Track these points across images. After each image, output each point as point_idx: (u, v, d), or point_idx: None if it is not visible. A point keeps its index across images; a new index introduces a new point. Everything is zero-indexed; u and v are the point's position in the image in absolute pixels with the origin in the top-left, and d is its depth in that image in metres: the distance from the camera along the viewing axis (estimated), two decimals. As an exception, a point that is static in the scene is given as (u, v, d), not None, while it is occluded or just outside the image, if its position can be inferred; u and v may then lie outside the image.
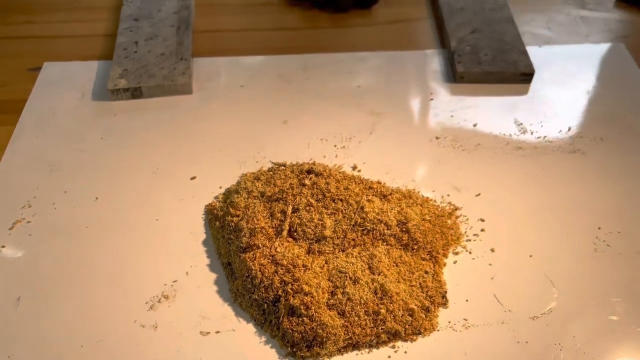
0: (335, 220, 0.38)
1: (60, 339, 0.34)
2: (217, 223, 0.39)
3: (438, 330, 0.35)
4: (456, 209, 0.41)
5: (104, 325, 0.34)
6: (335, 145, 0.45)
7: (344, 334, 0.33)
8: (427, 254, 0.37)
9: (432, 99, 0.49)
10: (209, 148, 0.45)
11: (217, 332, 0.34)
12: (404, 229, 0.38)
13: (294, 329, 0.33)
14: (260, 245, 0.36)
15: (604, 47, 0.55)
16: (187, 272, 0.37)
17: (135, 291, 0.36)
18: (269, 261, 0.36)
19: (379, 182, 0.41)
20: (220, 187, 0.42)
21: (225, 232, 0.38)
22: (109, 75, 0.50)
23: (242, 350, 0.34)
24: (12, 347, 0.33)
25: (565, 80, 0.51)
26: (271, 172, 0.42)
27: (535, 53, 0.53)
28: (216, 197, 0.42)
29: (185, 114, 0.48)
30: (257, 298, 0.35)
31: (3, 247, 0.39)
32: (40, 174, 0.43)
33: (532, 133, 0.47)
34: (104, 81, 0.51)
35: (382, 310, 0.34)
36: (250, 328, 0.35)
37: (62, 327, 0.34)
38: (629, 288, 0.36)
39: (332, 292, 0.35)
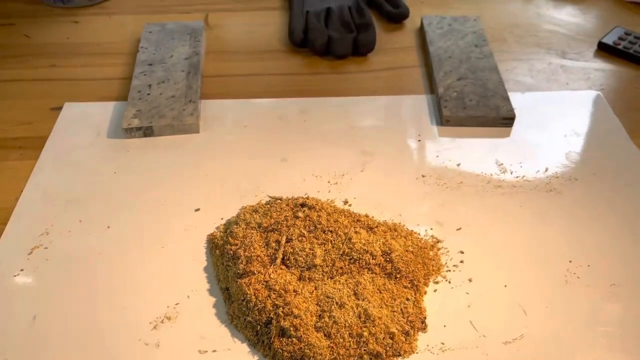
0: (325, 250, 0.41)
1: (71, 354, 0.37)
2: (217, 251, 0.43)
3: (417, 353, 0.37)
4: (438, 242, 0.44)
5: (111, 342, 0.38)
6: (328, 181, 0.49)
7: (330, 354, 0.36)
8: (409, 283, 0.41)
9: (419, 140, 0.53)
10: (213, 182, 0.49)
11: (214, 350, 0.38)
12: (388, 259, 0.41)
13: (284, 349, 0.36)
14: (255, 271, 0.40)
15: (582, 95, 0.59)
16: (188, 296, 0.41)
17: (141, 312, 0.40)
18: (263, 286, 0.39)
19: (366, 216, 0.45)
20: (222, 219, 0.46)
21: (224, 260, 0.42)
22: (123, 115, 0.55)
23: (236, 367, 0.37)
24: (28, 359, 0.37)
25: (544, 125, 0.55)
26: (268, 205, 0.45)
27: (517, 99, 0.58)
28: (217, 228, 0.45)
29: (192, 151, 0.52)
30: (251, 320, 0.38)
31: (22, 270, 0.42)
32: (57, 205, 0.47)
33: (511, 173, 0.50)
34: (118, 120, 0.55)
35: (365, 333, 0.37)
36: (244, 347, 0.38)
37: (73, 343, 0.38)
38: (595, 317, 0.39)
39: (319, 316, 0.38)
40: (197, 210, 0.47)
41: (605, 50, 0.65)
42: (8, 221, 0.46)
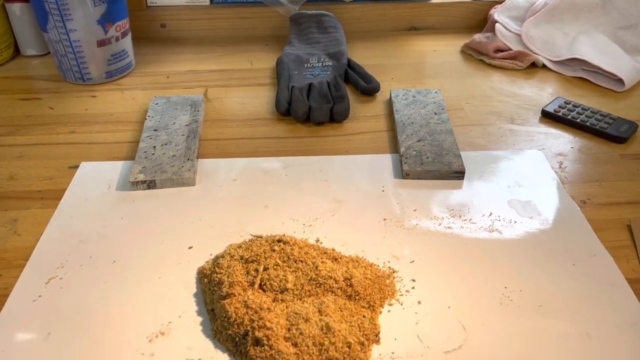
0: (296, 276, 0.49)
1: (78, 361, 0.44)
2: (206, 280, 0.51)
3: (371, 361, 0.44)
4: (394, 272, 0.52)
5: (114, 352, 0.45)
6: (303, 224, 0.58)
7: (296, 359, 0.43)
8: (366, 304, 0.48)
9: (383, 190, 0.62)
10: (204, 225, 0.58)
11: (200, 359, 0.45)
12: (349, 284, 0.49)
13: (258, 356, 0.43)
14: (236, 293, 0.47)
15: (525, 153, 0.69)
16: (179, 316, 0.48)
17: (140, 328, 0.47)
18: (242, 305, 0.46)
19: (333, 250, 0.53)
20: (211, 254, 0.54)
21: (211, 286, 0.50)
22: (130, 171, 0.64)
23: (217, 372, 0.44)
24: (42, 366, 0.44)
25: (491, 178, 0.64)
26: (250, 242, 0.54)
27: (469, 156, 0.67)
28: (207, 261, 0.53)
29: (188, 201, 0.61)
30: (231, 333, 0.45)
31: (40, 296, 0.50)
32: (72, 244, 0.55)
33: (460, 216, 0.59)
34: (126, 176, 0.65)
35: (326, 342, 0.44)
36: (225, 357, 0.45)
37: (81, 353, 0.45)
38: (521, 332, 0.46)
39: (288, 328, 0.45)
40: (190, 248, 0.55)
41: (547, 116, 0.75)
42: (30, 257, 0.54)
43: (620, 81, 0.82)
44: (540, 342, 0.46)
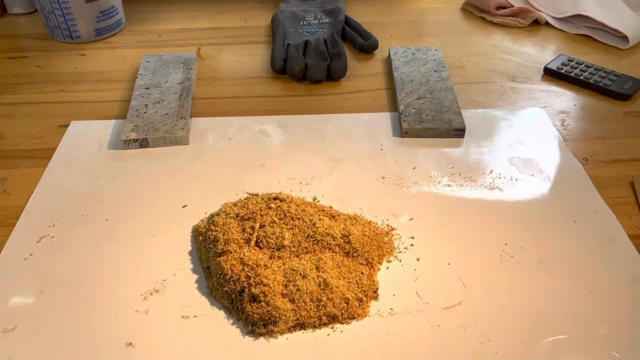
0: (293, 234, 0.48)
1: (71, 320, 0.43)
2: (201, 238, 0.50)
3: (369, 317, 0.44)
4: (392, 229, 0.51)
5: (108, 310, 0.44)
6: (300, 183, 0.56)
7: (293, 316, 0.42)
8: (364, 260, 0.47)
9: (381, 149, 0.61)
10: (199, 184, 0.56)
11: (195, 316, 0.44)
12: (347, 241, 0.48)
13: (255, 312, 0.43)
14: (232, 250, 0.46)
15: (526, 111, 0.67)
16: (174, 274, 0.47)
17: (134, 286, 0.46)
18: (238, 262, 0.46)
19: (330, 207, 0.52)
20: (206, 213, 0.53)
21: (206, 243, 0.49)
22: (122, 129, 0.62)
23: (214, 329, 0.43)
24: (35, 324, 0.43)
25: (492, 136, 0.63)
26: (246, 200, 0.52)
27: (470, 114, 0.66)
28: (202, 220, 0.52)
29: (182, 159, 0.60)
30: (227, 290, 0.44)
31: (31, 254, 0.49)
32: (63, 203, 0.54)
33: (460, 174, 0.57)
34: (118, 135, 0.63)
35: (324, 298, 0.43)
36: (221, 314, 0.44)
37: (73, 311, 0.44)
38: (522, 288, 0.46)
39: (285, 285, 0.44)
40: (185, 206, 0.54)
41: (549, 74, 0.74)
42: (20, 216, 0.53)
43: (624, 38, 0.79)
44: (541, 298, 0.45)
